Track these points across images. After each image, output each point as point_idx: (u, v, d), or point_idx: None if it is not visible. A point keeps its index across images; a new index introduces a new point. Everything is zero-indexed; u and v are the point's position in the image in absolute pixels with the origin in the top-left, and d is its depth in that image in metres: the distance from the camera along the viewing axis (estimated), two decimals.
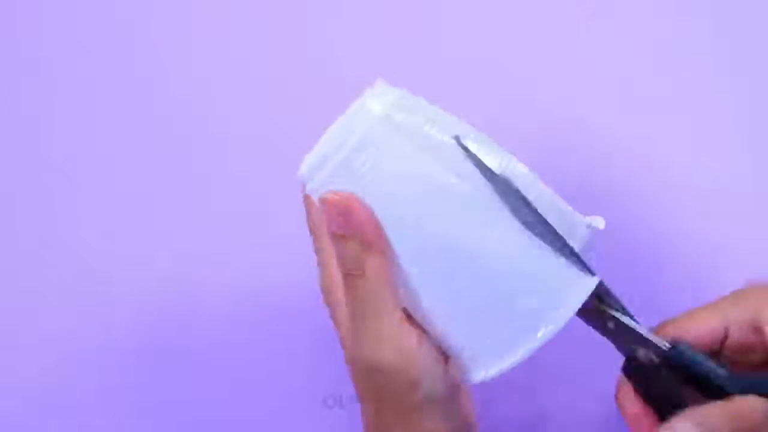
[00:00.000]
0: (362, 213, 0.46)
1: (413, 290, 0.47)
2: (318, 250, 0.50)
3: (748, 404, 0.45)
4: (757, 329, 0.49)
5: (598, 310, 0.48)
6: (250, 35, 0.71)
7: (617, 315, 0.48)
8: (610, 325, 0.48)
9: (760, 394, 0.45)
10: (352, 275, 0.46)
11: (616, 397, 0.49)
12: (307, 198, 0.49)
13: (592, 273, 0.47)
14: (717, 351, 0.50)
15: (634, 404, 0.49)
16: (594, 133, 0.67)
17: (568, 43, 0.69)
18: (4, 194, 0.69)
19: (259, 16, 0.71)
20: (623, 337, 0.48)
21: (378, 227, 0.46)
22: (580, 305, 0.46)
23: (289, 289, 0.66)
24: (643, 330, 0.48)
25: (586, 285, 0.47)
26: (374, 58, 0.70)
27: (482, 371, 0.47)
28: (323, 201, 0.46)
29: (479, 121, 0.52)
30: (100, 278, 0.67)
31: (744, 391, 0.46)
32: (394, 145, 0.47)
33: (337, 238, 0.46)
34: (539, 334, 0.46)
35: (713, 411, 0.44)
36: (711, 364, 0.47)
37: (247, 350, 0.65)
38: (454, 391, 0.48)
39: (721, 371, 0.47)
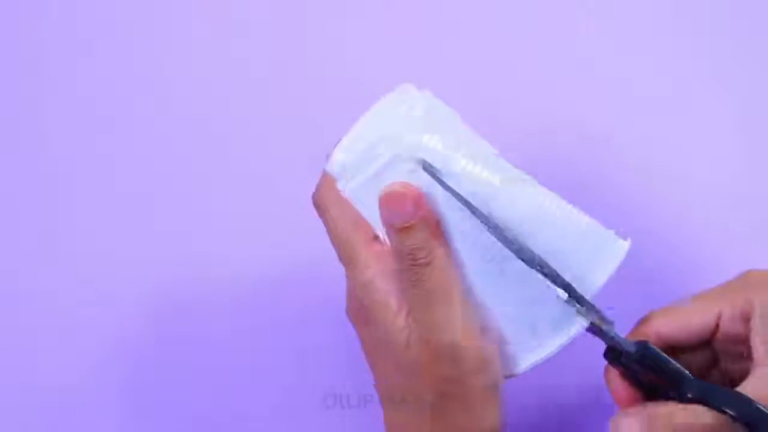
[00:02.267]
0: (427, 202, 0.47)
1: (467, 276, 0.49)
2: (355, 248, 0.49)
3: (695, 415, 0.46)
4: (747, 320, 0.49)
5: (577, 312, 0.49)
6: (250, 35, 0.71)
7: (591, 317, 0.49)
8: (585, 323, 0.49)
9: (714, 405, 0.46)
10: (418, 265, 0.47)
11: (604, 377, 0.51)
12: (328, 202, 0.50)
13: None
14: (708, 342, 0.51)
15: (618, 384, 0.50)
16: (594, 133, 0.67)
17: (568, 43, 0.69)
18: (4, 194, 0.69)
19: (259, 16, 0.71)
20: (598, 335, 0.49)
21: (438, 218, 0.48)
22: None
23: (289, 289, 0.66)
24: (611, 332, 0.49)
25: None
26: (374, 58, 0.70)
27: (520, 364, 0.50)
28: (388, 194, 0.47)
29: (479, 122, 0.52)
30: (100, 278, 0.67)
31: (701, 396, 0.46)
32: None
33: (404, 230, 0.47)
34: (563, 334, 0.49)
35: (660, 414, 0.46)
36: (674, 366, 0.48)
37: (247, 350, 0.65)
38: (503, 388, 0.49)
39: (684, 374, 0.48)
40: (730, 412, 0.45)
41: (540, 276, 0.47)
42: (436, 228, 0.48)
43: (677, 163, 0.67)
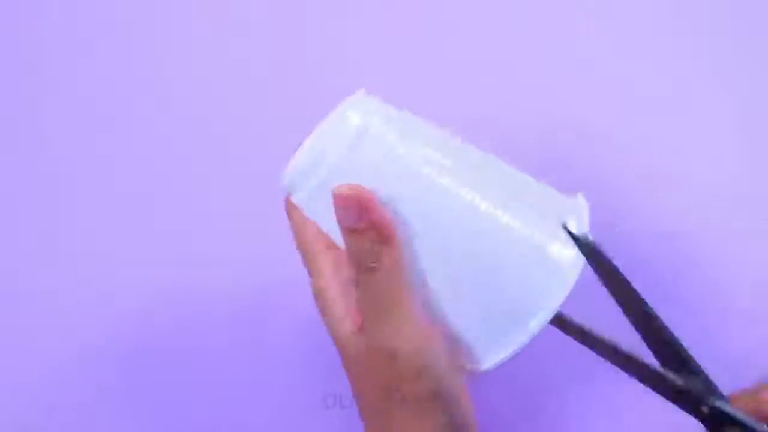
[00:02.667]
0: (377, 206, 0.46)
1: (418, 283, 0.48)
2: (310, 256, 0.49)
3: None
4: None
5: (693, 394, 0.46)
6: (250, 35, 0.71)
7: (716, 403, 0.46)
8: (704, 410, 0.46)
9: None
10: (368, 269, 0.46)
11: None
12: (291, 209, 0.50)
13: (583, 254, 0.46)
14: None
15: None
16: (594, 133, 0.67)
17: (568, 44, 0.69)
18: (4, 194, 0.69)
19: (259, 16, 0.71)
20: (717, 421, 0.46)
21: (392, 220, 0.46)
22: (564, 296, 0.47)
23: (288, 289, 0.66)
24: (741, 415, 0.45)
25: (570, 275, 0.47)
26: (374, 57, 0.70)
27: (484, 361, 0.48)
28: (338, 195, 0.46)
29: (479, 122, 0.52)
30: (100, 278, 0.67)
31: None
32: (373, 153, 0.47)
33: (352, 232, 0.46)
34: (531, 325, 0.47)
35: None
36: None
37: (247, 350, 0.66)
38: (457, 387, 0.48)
39: None
40: None
41: (510, 270, 0.47)
42: (388, 232, 0.46)
43: (677, 163, 0.67)
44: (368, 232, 0.46)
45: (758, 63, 0.68)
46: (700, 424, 0.47)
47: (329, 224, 0.48)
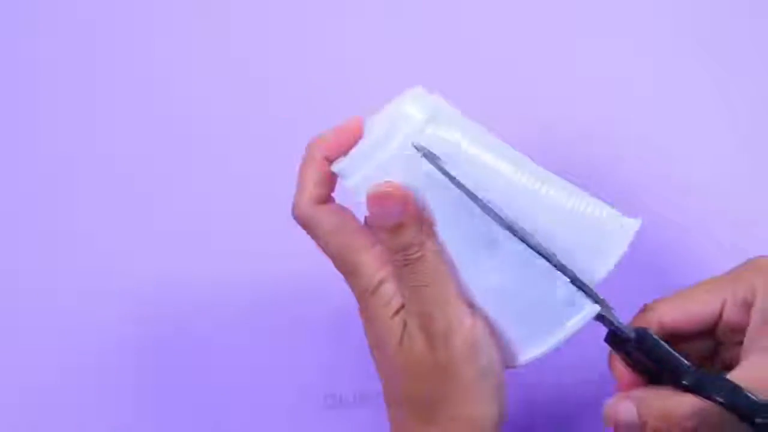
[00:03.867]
0: (416, 201, 0.48)
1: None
2: (354, 254, 0.50)
3: (687, 402, 0.46)
4: (749, 307, 0.49)
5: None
6: (250, 35, 0.71)
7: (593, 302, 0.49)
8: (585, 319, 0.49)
9: (707, 393, 0.46)
10: (412, 261, 0.47)
11: (608, 362, 0.51)
12: (318, 216, 0.50)
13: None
14: (711, 330, 0.51)
15: (620, 369, 0.51)
16: (593, 132, 0.67)
17: (568, 43, 0.69)
18: (5, 194, 0.69)
19: (259, 16, 0.71)
20: (600, 320, 0.49)
21: (430, 215, 0.48)
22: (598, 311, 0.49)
23: (290, 289, 0.66)
24: (613, 318, 0.49)
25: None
26: (374, 57, 0.70)
27: (521, 356, 0.50)
28: (377, 194, 0.47)
29: (479, 121, 0.52)
30: (100, 278, 0.67)
31: (695, 384, 0.47)
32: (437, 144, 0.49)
33: (395, 228, 0.47)
34: (569, 323, 0.49)
35: (652, 399, 0.47)
36: (671, 354, 0.49)
37: (247, 350, 0.65)
38: (501, 376, 0.49)
39: (681, 362, 0.48)
40: (720, 400, 0.46)
41: (545, 263, 0.48)
42: (427, 225, 0.48)
43: (677, 163, 0.67)
44: (410, 225, 0.47)
45: (758, 63, 0.68)
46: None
47: None
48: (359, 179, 0.49)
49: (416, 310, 0.48)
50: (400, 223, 0.47)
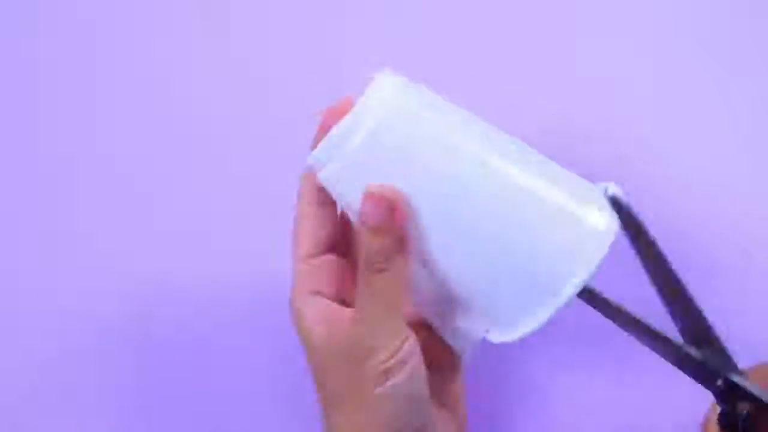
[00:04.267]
0: (405, 211, 0.47)
1: (437, 253, 0.48)
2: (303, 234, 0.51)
3: None
4: None
5: (708, 365, 0.47)
6: (250, 35, 0.71)
7: (731, 376, 0.47)
8: (719, 383, 0.48)
9: None
10: (376, 269, 0.47)
11: None
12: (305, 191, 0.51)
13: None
14: None
15: None
16: (594, 133, 0.67)
17: (568, 43, 0.69)
18: (5, 194, 0.69)
19: (259, 16, 0.71)
20: (729, 393, 0.47)
21: (411, 227, 0.47)
22: (596, 266, 0.46)
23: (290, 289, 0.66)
24: (752, 388, 0.47)
25: (604, 240, 0.47)
26: (374, 57, 0.70)
27: (513, 331, 0.48)
28: (369, 194, 0.47)
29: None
30: (100, 278, 0.67)
31: None
32: (408, 114, 0.48)
33: (373, 231, 0.47)
34: (564, 290, 0.46)
35: None
36: None
37: (247, 350, 0.66)
38: (427, 391, 0.49)
39: None
40: None
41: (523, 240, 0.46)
42: (404, 240, 0.47)
43: (677, 163, 0.67)
44: (388, 235, 0.47)
45: (759, 63, 0.68)
46: (714, 397, 0.48)
47: (349, 199, 0.48)
48: (327, 174, 0.48)
49: (362, 313, 0.48)
50: (379, 228, 0.47)
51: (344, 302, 0.50)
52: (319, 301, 0.50)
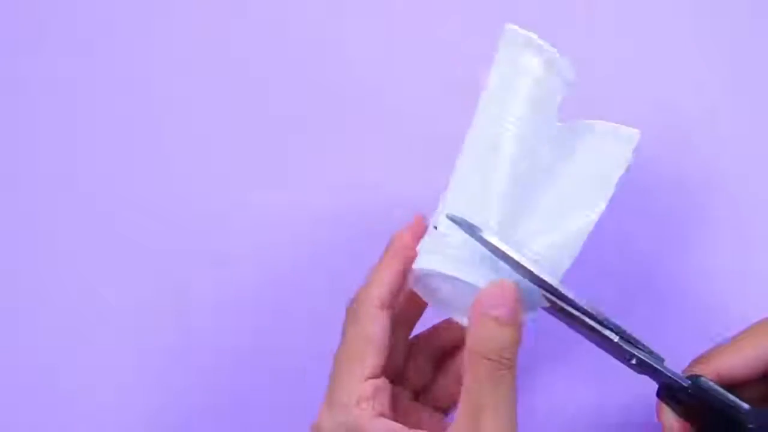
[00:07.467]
0: (519, 308, 0.46)
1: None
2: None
3: None
4: None
5: (621, 348, 0.48)
6: (250, 35, 0.71)
7: (640, 355, 0.48)
8: (634, 362, 0.49)
9: None
10: (493, 361, 0.45)
11: (657, 415, 0.51)
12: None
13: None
14: (758, 382, 0.50)
15: (673, 421, 0.50)
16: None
17: (568, 43, 0.69)
18: (4, 194, 0.69)
19: (259, 17, 0.71)
20: (649, 373, 0.49)
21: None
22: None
23: (292, 289, 0.66)
24: (664, 368, 0.49)
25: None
26: (374, 56, 0.70)
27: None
28: (502, 285, 0.46)
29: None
30: (101, 277, 0.67)
31: (761, 424, 0.46)
32: None
33: (504, 323, 0.46)
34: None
35: None
36: (730, 399, 0.48)
37: (247, 350, 0.66)
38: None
39: (742, 405, 0.47)
40: None
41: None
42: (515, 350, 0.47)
43: (677, 163, 0.67)
44: (517, 330, 0.46)
45: (759, 62, 0.68)
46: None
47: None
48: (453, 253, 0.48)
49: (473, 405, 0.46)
50: (511, 322, 0.46)
51: None
52: (386, 424, 0.48)
